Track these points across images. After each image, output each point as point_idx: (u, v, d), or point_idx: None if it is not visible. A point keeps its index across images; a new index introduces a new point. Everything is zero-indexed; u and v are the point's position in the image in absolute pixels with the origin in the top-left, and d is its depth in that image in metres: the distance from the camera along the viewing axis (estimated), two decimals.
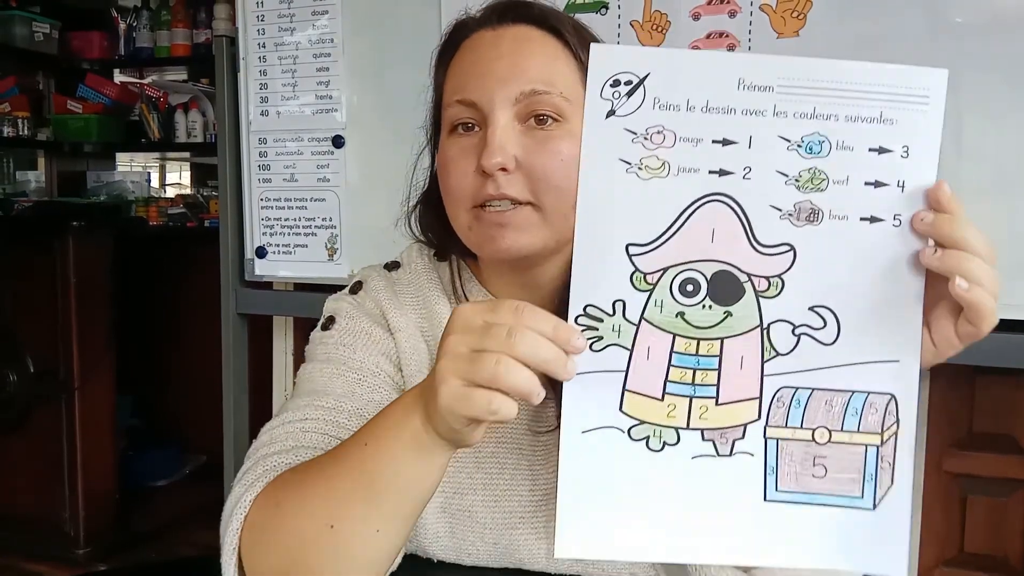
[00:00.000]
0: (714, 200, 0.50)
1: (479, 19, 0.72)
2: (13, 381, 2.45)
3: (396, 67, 1.64)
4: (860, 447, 0.51)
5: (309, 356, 0.76)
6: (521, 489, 0.72)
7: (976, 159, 1.28)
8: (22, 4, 3.12)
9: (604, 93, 0.50)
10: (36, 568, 2.42)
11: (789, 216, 0.50)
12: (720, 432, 0.51)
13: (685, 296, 0.50)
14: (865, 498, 0.51)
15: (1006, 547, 1.55)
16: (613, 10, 1.47)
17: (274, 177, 1.77)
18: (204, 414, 2.75)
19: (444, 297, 0.76)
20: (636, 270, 0.50)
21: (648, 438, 0.51)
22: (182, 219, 3.01)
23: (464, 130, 0.68)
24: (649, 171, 0.50)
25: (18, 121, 2.99)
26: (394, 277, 0.79)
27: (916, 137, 0.50)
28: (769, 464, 0.51)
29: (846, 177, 0.50)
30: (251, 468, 0.63)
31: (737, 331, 0.50)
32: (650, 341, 0.50)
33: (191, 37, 3.04)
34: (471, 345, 0.48)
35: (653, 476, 0.50)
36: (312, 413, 0.68)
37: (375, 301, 0.77)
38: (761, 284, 0.50)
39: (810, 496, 0.51)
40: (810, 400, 0.50)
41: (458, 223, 0.70)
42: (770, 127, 0.49)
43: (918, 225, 0.50)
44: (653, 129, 0.50)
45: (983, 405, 1.54)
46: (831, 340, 0.50)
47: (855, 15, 1.34)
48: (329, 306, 0.79)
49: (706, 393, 0.50)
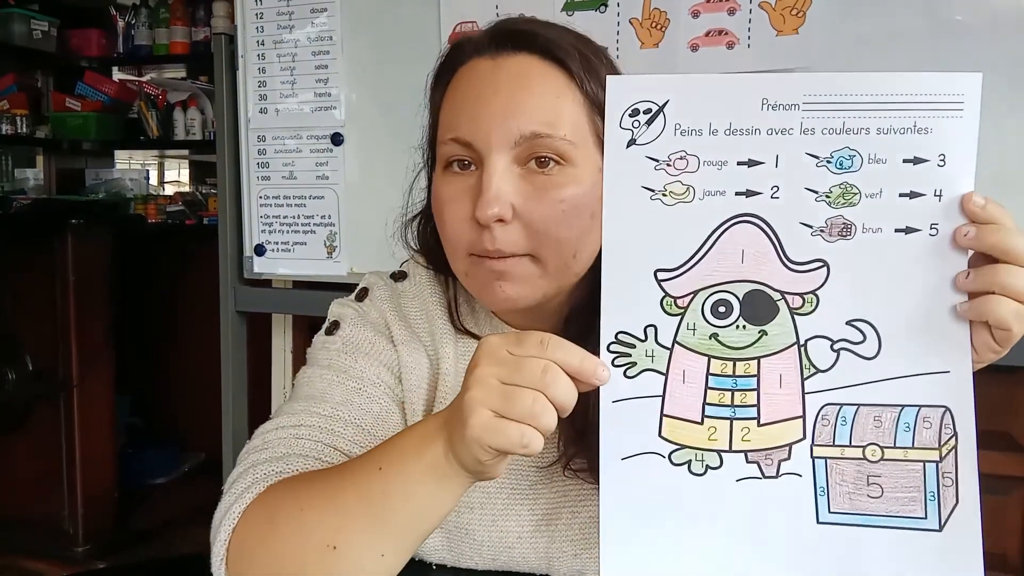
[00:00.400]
0: (742, 221, 0.50)
1: (477, 44, 0.66)
2: (12, 380, 2.45)
3: (395, 65, 1.64)
4: (917, 464, 0.49)
5: (311, 360, 0.74)
6: (521, 509, 0.71)
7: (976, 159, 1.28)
8: (20, 2, 3.11)
9: (623, 123, 0.50)
10: (35, 566, 2.42)
11: (821, 232, 0.49)
12: (764, 453, 0.50)
13: (718, 317, 0.50)
14: (929, 518, 0.49)
15: (1004, 544, 1.56)
16: (612, 7, 1.47)
17: (273, 175, 1.77)
18: (203, 412, 2.75)
19: (446, 314, 0.74)
20: (666, 295, 0.50)
21: (690, 462, 0.50)
22: (181, 217, 3.01)
23: (460, 168, 0.64)
24: (674, 197, 0.50)
25: (16, 119, 2.98)
26: (400, 289, 0.76)
27: (952, 145, 0.49)
28: (819, 485, 0.50)
29: (879, 190, 0.49)
30: (241, 475, 0.61)
31: (773, 349, 0.50)
32: (685, 364, 0.50)
33: (190, 35, 3.04)
34: (502, 378, 0.47)
35: (697, 501, 0.50)
36: (307, 419, 0.66)
37: (379, 312, 0.75)
38: (795, 301, 0.50)
39: (867, 518, 0.49)
40: (856, 416, 0.49)
41: (456, 268, 0.68)
42: (797, 145, 0.49)
43: (962, 240, 0.49)
44: (676, 155, 0.50)
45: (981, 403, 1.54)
46: (873, 354, 0.49)
47: (855, 13, 1.34)
48: (335, 310, 0.77)
49: (747, 414, 0.50)
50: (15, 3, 3.09)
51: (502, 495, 0.71)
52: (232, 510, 0.58)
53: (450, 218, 0.65)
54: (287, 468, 0.61)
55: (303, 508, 0.55)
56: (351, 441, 0.66)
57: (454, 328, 0.73)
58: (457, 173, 0.65)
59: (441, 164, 0.67)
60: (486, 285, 0.65)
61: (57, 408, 2.42)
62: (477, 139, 0.62)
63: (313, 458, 0.63)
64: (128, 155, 4.33)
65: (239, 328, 1.88)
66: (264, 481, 0.60)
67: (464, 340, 0.73)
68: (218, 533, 0.58)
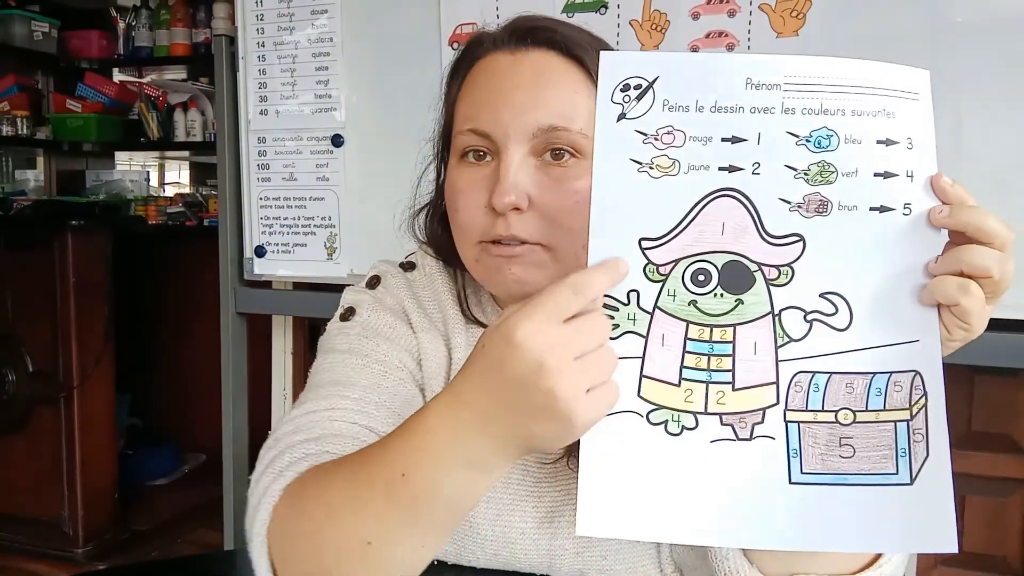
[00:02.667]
0: (724, 195, 0.51)
1: (496, 38, 0.67)
2: (12, 380, 2.45)
3: (395, 66, 1.64)
4: (889, 424, 0.51)
5: (327, 347, 0.72)
6: (525, 505, 0.71)
7: (976, 159, 1.28)
8: (21, 3, 3.12)
9: (615, 97, 0.52)
10: (36, 567, 2.42)
11: (799, 208, 0.51)
12: (739, 416, 0.51)
13: (697, 285, 0.51)
14: (900, 473, 0.51)
15: (1005, 546, 1.56)
16: (612, 9, 1.47)
17: (273, 176, 1.77)
18: (203, 413, 2.76)
19: (456, 303, 0.74)
20: (649, 262, 0.52)
21: (666, 422, 0.51)
22: (181, 218, 3.01)
23: (475, 158, 0.66)
24: (660, 169, 0.52)
25: (17, 120, 2.99)
26: (411, 278, 0.77)
27: (915, 130, 0.52)
28: (792, 447, 0.51)
29: (855, 169, 0.51)
30: (278, 456, 0.59)
31: (749, 318, 0.51)
32: (665, 329, 0.51)
33: (190, 36, 3.04)
34: (573, 354, 0.46)
35: (672, 459, 0.51)
36: (339, 403, 0.64)
37: (396, 298, 0.74)
38: (771, 273, 0.51)
39: (840, 477, 0.51)
40: (829, 383, 0.51)
41: (465, 255, 0.68)
42: (778, 124, 0.51)
43: (937, 219, 0.51)
44: (663, 130, 0.51)
45: (981, 404, 1.55)
46: (844, 326, 0.51)
47: (855, 15, 1.34)
48: (349, 297, 0.76)
49: (722, 379, 0.51)
50: (16, 4, 3.09)
51: (508, 491, 0.71)
52: (271, 489, 0.56)
53: (464, 206, 0.66)
54: (324, 449, 0.59)
55: (336, 505, 0.53)
56: (385, 422, 0.64)
57: (464, 317, 0.73)
58: (473, 163, 0.66)
59: (457, 154, 0.67)
60: (496, 269, 0.65)
61: (57, 408, 2.42)
62: (496, 130, 0.64)
63: (350, 438, 0.61)
64: (128, 156, 4.33)
65: (239, 329, 1.88)
66: (302, 461, 0.58)
67: (474, 329, 0.73)
68: (256, 515, 0.56)
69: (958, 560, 1.58)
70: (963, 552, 1.57)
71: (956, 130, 1.28)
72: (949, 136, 1.28)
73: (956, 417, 1.54)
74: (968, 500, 1.57)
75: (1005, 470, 1.55)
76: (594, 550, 0.71)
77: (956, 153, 1.27)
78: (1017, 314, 1.26)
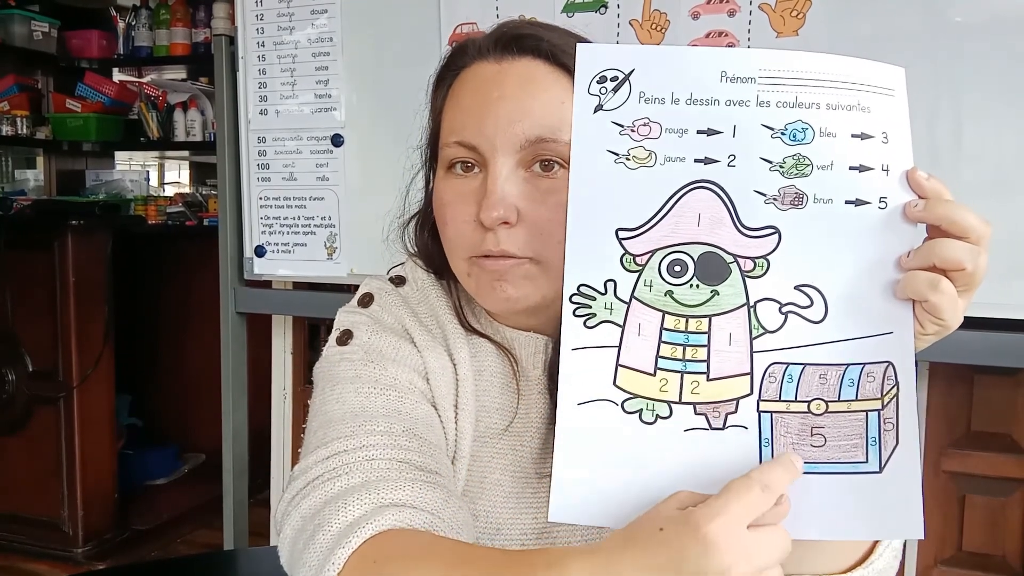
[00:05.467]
0: (700, 187, 0.52)
1: (481, 47, 0.66)
2: (12, 380, 2.45)
3: (395, 66, 1.64)
4: (860, 414, 0.51)
5: (330, 375, 0.67)
6: (524, 518, 0.70)
7: (976, 159, 1.28)
8: (21, 3, 3.12)
9: (591, 89, 0.52)
10: (35, 567, 2.42)
11: (774, 200, 0.52)
12: (712, 406, 0.52)
13: (673, 276, 0.52)
14: (870, 461, 0.51)
15: (1004, 546, 1.56)
16: (612, 9, 1.47)
17: (273, 176, 1.77)
18: (203, 413, 2.76)
19: (453, 315, 0.72)
20: (626, 252, 0.52)
21: (641, 411, 0.52)
22: (181, 218, 3.00)
23: (463, 170, 0.64)
24: (636, 161, 0.52)
25: (17, 120, 2.99)
26: (404, 293, 0.73)
27: (891, 125, 0.52)
28: (764, 436, 0.52)
29: (830, 162, 0.51)
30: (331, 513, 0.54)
31: (724, 309, 0.52)
32: (641, 318, 0.52)
33: (190, 36, 3.05)
34: (757, 566, 0.45)
35: (646, 448, 0.52)
36: (367, 439, 0.60)
37: (395, 316, 0.71)
38: (747, 264, 0.52)
39: (810, 466, 0.51)
40: (803, 375, 0.52)
41: (456, 269, 0.67)
42: (753, 116, 0.51)
43: (911, 213, 0.51)
44: (639, 121, 0.52)
45: (981, 404, 1.54)
46: (819, 318, 0.52)
47: (855, 14, 1.34)
48: (344, 319, 0.72)
49: (697, 369, 0.52)
50: (16, 4, 3.09)
51: (507, 505, 0.70)
52: (335, 557, 0.52)
53: (452, 220, 0.65)
54: (382, 500, 0.55)
55: None
56: (418, 452, 0.61)
57: (464, 329, 0.72)
58: (460, 175, 0.65)
59: (443, 166, 0.66)
60: (486, 286, 0.64)
61: (57, 408, 2.42)
62: (482, 143, 0.62)
63: (396, 481, 0.58)
64: (128, 156, 4.34)
65: (239, 329, 1.88)
66: (367, 523, 0.53)
67: (474, 341, 0.71)
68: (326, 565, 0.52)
69: (958, 559, 1.58)
70: (962, 551, 1.58)
71: (956, 130, 1.27)
72: (949, 136, 1.27)
73: (956, 417, 1.54)
74: (968, 500, 1.57)
75: (1005, 470, 1.55)
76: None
77: (956, 153, 1.27)
78: (1017, 314, 1.26)
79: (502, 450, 0.71)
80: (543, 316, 0.69)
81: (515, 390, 0.71)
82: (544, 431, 0.71)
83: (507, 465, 0.70)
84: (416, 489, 0.57)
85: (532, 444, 0.71)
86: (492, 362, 0.71)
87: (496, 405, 0.71)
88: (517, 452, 0.71)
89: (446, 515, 0.57)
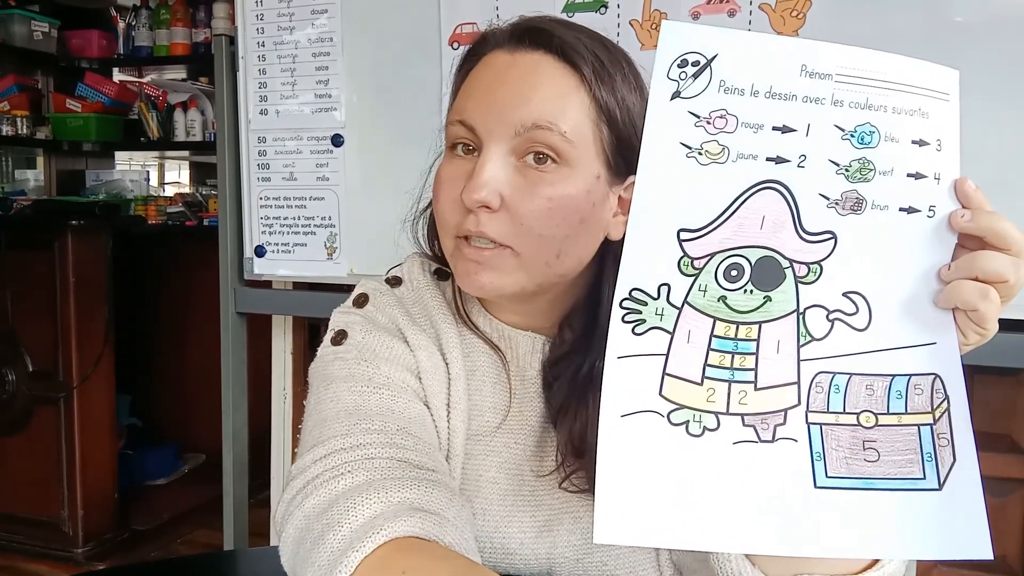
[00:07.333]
0: (768, 187, 0.50)
1: (499, 37, 0.68)
2: (12, 380, 2.45)
3: (395, 66, 1.64)
4: (912, 428, 0.50)
5: (325, 375, 0.69)
6: (523, 516, 0.71)
7: (976, 159, 1.27)
8: (21, 3, 3.12)
9: (671, 74, 0.49)
10: (35, 567, 2.42)
11: (835, 205, 0.50)
12: (761, 418, 0.50)
13: (729, 281, 0.50)
14: (928, 478, 0.49)
15: (1004, 547, 1.56)
16: (612, 9, 1.47)
17: (273, 176, 1.77)
18: (203, 413, 2.76)
19: (450, 316, 0.72)
20: (684, 255, 0.50)
21: (688, 423, 0.49)
22: (181, 218, 3.00)
23: (464, 151, 0.66)
24: (709, 156, 0.49)
25: (17, 120, 2.99)
26: (399, 294, 0.75)
27: (945, 131, 0.51)
28: (815, 450, 0.49)
29: (891, 168, 0.50)
30: (335, 514, 0.55)
31: (775, 315, 0.50)
32: (691, 325, 0.50)
33: (190, 36, 3.04)
34: None
35: (694, 462, 0.49)
36: (364, 438, 0.61)
37: (388, 316, 0.72)
38: (801, 270, 0.50)
39: (865, 481, 0.49)
40: (849, 385, 0.50)
41: (444, 248, 0.68)
42: (827, 115, 0.49)
43: (957, 223, 0.50)
44: (716, 113, 0.49)
45: (981, 405, 1.54)
46: (864, 326, 0.50)
47: (855, 14, 1.34)
48: (339, 319, 0.73)
49: (744, 378, 0.50)
50: (16, 4, 3.09)
51: (505, 502, 0.70)
52: (348, 559, 0.52)
53: (443, 197, 0.66)
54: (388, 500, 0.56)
55: None
56: (414, 451, 0.62)
57: (459, 322, 0.73)
58: (460, 156, 0.66)
59: (447, 145, 0.68)
60: (466, 273, 0.65)
61: (57, 408, 2.42)
62: (479, 124, 0.64)
63: (397, 479, 0.58)
64: (128, 156, 4.34)
65: (239, 329, 1.88)
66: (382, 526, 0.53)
67: (467, 340, 0.72)
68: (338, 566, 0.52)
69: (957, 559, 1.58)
70: None
71: None
72: None
73: None
74: None
75: (1005, 470, 1.55)
76: (594, 556, 0.71)
77: None
78: (1017, 314, 1.26)
79: (496, 448, 0.71)
80: (539, 315, 0.70)
81: (508, 388, 0.71)
82: (539, 430, 0.72)
83: (502, 463, 0.71)
84: (421, 489, 0.58)
85: (527, 443, 0.71)
86: (485, 361, 0.72)
87: (489, 403, 0.71)
88: (511, 450, 0.71)
89: (451, 514, 0.58)
